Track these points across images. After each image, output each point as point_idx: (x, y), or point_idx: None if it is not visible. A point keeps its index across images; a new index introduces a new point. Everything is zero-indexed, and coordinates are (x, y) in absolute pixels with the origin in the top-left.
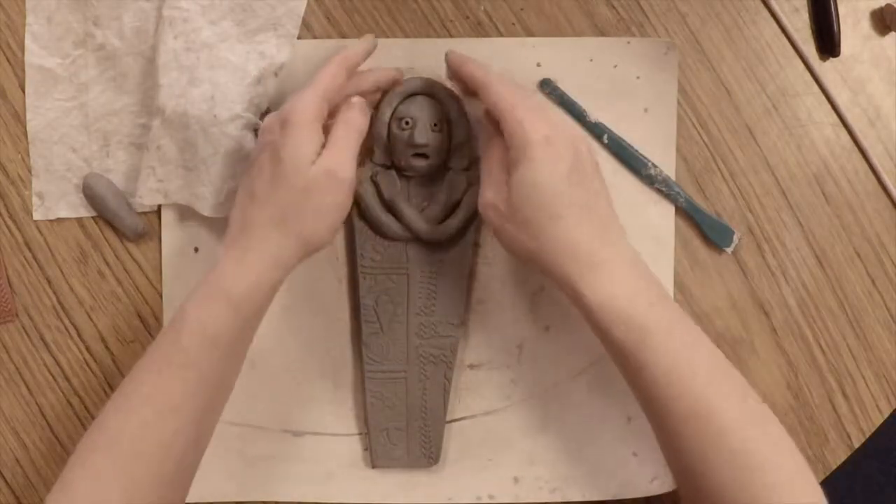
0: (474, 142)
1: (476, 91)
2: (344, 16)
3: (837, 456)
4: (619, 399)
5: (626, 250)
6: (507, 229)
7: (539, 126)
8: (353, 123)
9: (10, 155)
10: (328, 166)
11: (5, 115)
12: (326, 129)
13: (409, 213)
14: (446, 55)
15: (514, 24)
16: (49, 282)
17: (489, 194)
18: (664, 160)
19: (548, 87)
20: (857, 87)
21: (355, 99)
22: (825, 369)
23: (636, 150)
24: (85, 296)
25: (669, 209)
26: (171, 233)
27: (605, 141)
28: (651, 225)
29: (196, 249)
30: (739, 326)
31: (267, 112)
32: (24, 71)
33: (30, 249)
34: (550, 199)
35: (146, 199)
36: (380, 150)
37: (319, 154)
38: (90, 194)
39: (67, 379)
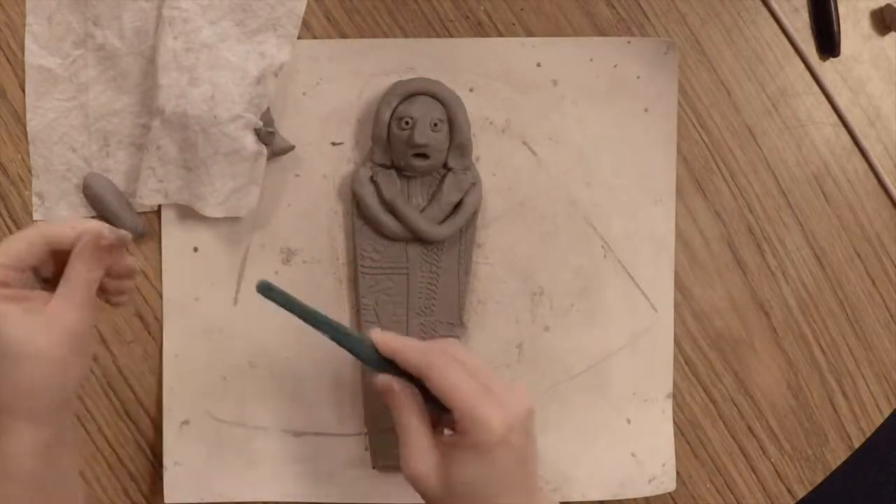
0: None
1: (418, 376)
2: (344, 16)
3: (837, 456)
4: (618, 400)
5: None
6: (437, 499)
7: (496, 424)
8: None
9: (10, 155)
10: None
11: (5, 115)
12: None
13: (409, 213)
14: (375, 343)
15: (514, 24)
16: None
17: (416, 464)
18: (664, 160)
19: (269, 290)
20: (857, 87)
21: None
22: (825, 369)
23: (355, 335)
24: None
25: (670, 209)
26: (171, 233)
27: (327, 334)
28: (651, 225)
29: (196, 249)
30: (739, 326)
31: (267, 112)
32: (24, 71)
33: None
34: (495, 489)
35: (146, 199)
36: (380, 150)
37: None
38: (90, 194)
39: None
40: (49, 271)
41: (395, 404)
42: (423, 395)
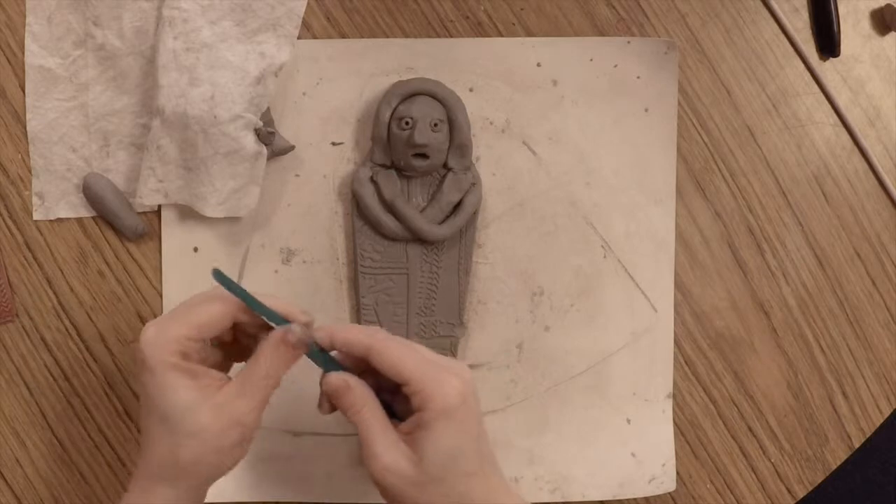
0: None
1: (364, 357)
2: (344, 16)
3: (837, 456)
4: (618, 400)
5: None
6: (412, 492)
7: (454, 384)
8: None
9: (10, 155)
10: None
11: (5, 115)
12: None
13: (409, 213)
14: (317, 341)
15: (514, 24)
16: (49, 282)
17: (387, 458)
18: (664, 160)
19: (220, 277)
20: (857, 87)
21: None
22: (825, 369)
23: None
24: (85, 296)
25: (670, 209)
26: (171, 233)
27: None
28: (651, 225)
29: (196, 249)
30: (739, 326)
31: (267, 112)
32: (24, 71)
33: (30, 249)
34: (470, 457)
35: (146, 199)
36: (380, 150)
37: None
38: (90, 194)
39: (67, 379)
40: (228, 337)
41: (352, 402)
42: None
